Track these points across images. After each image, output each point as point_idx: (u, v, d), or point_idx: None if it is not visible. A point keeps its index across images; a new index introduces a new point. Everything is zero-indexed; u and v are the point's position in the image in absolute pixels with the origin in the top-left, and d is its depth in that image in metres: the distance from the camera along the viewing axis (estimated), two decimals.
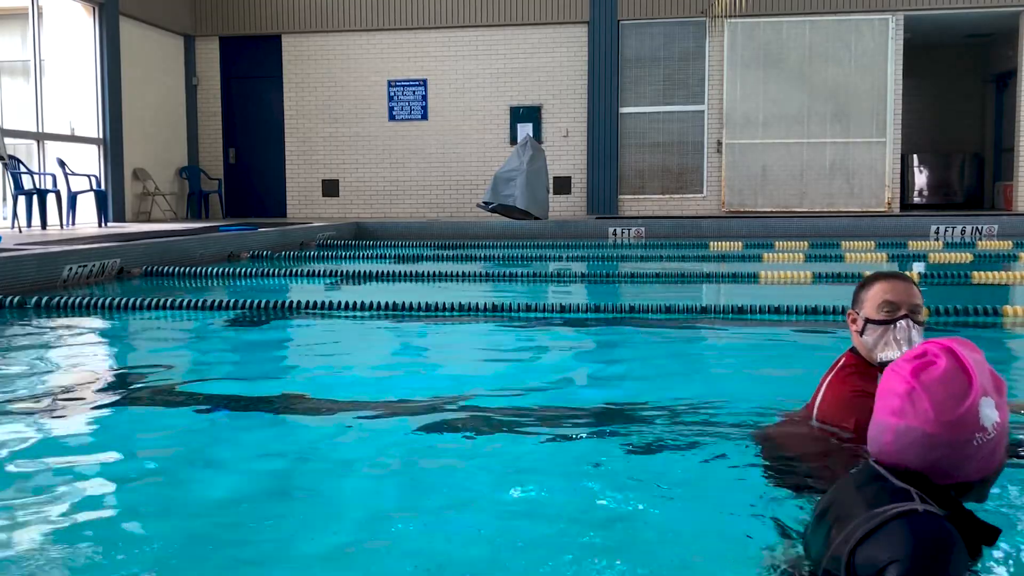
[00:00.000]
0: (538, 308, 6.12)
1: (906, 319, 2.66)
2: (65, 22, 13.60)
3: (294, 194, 16.46)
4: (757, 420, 3.28)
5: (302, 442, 3.28)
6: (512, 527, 2.38)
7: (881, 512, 1.67)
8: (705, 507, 2.53)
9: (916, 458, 1.72)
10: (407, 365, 4.76)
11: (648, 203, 15.58)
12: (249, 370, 4.69)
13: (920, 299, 2.71)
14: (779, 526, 2.26)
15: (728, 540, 2.28)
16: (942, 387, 1.70)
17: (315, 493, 2.69)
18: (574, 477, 2.79)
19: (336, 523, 2.43)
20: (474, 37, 15.74)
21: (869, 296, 2.75)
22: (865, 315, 2.74)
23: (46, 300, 6.40)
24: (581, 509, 2.50)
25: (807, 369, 4.51)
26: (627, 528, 2.38)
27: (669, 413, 3.49)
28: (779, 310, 5.80)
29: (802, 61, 15.18)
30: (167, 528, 2.40)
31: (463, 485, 2.73)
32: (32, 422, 3.48)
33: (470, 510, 2.51)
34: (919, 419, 1.70)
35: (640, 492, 2.63)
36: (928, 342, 1.79)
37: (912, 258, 10.01)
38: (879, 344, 2.70)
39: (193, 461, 3.05)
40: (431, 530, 2.37)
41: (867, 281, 2.80)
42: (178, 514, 2.52)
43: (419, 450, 3.11)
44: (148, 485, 2.79)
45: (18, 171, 11.25)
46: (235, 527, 2.42)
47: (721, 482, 2.72)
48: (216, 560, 2.21)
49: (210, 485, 2.79)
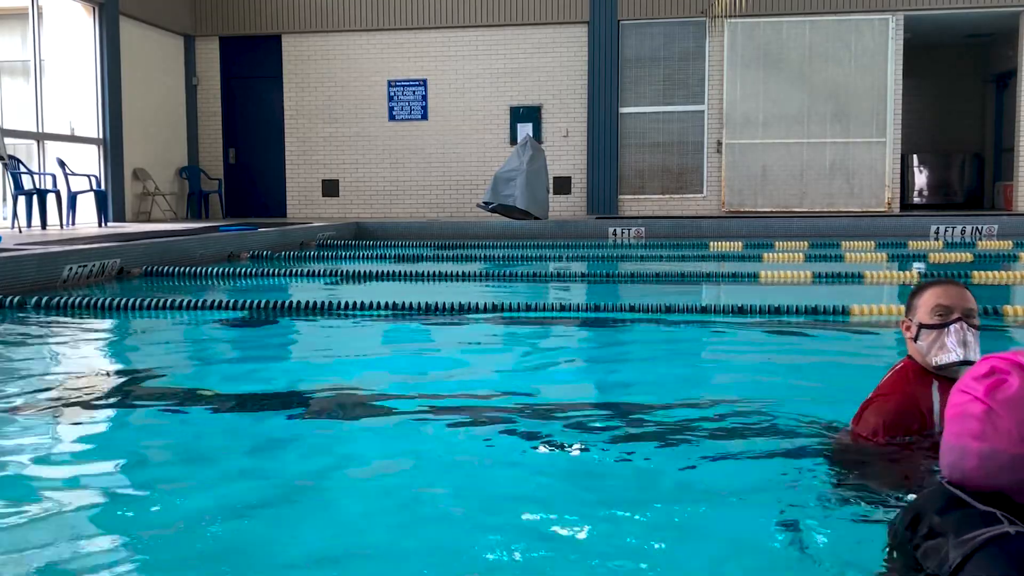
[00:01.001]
0: (538, 308, 6.12)
1: (959, 322, 2.66)
2: (65, 22, 13.60)
3: (294, 194, 16.46)
4: (757, 420, 3.28)
5: (302, 442, 3.28)
6: (512, 528, 2.38)
7: (972, 538, 1.63)
8: (704, 507, 2.52)
9: (1006, 480, 1.67)
10: (407, 365, 4.76)
11: (648, 203, 15.58)
12: (249, 370, 4.69)
13: (974, 303, 2.70)
14: (781, 527, 2.26)
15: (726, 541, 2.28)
16: (1021, 404, 1.65)
17: (315, 493, 2.69)
18: (574, 477, 2.79)
19: (336, 523, 2.43)
20: (474, 37, 15.74)
21: (922, 302, 2.75)
22: (919, 320, 2.74)
23: (46, 300, 6.40)
24: (581, 509, 2.50)
25: (807, 369, 4.52)
26: (627, 528, 2.37)
27: (669, 413, 3.49)
28: (779, 310, 5.80)
29: (802, 61, 15.18)
30: (167, 528, 2.40)
31: (463, 485, 2.73)
32: (31, 422, 3.48)
33: (470, 510, 2.51)
34: (1003, 441, 1.66)
35: (640, 492, 2.63)
36: (991, 357, 1.74)
37: (912, 258, 10.00)
38: (933, 348, 2.70)
39: (192, 461, 3.05)
40: (431, 530, 2.37)
41: (920, 288, 2.80)
42: (177, 514, 2.52)
43: (419, 450, 3.11)
44: (148, 485, 2.79)
45: (18, 171, 11.25)
46: (234, 527, 2.42)
47: (721, 482, 2.72)
48: (216, 560, 2.21)
49: (209, 485, 2.79)
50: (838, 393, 3.63)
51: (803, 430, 3.13)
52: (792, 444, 3.03)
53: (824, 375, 4.35)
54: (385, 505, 2.57)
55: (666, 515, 2.46)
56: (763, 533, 2.29)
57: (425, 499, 2.61)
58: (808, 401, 3.58)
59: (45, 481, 2.76)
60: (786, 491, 2.59)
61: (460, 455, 3.06)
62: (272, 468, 2.94)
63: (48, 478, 2.80)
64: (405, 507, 2.55)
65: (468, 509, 2.52)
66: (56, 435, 3.34)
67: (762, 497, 2.56)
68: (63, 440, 3.28)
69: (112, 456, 3.13)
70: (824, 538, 2.26)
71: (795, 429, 3.15)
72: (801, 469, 2.80)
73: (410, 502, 2.59)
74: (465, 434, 3.30)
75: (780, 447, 3.03)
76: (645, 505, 2.52)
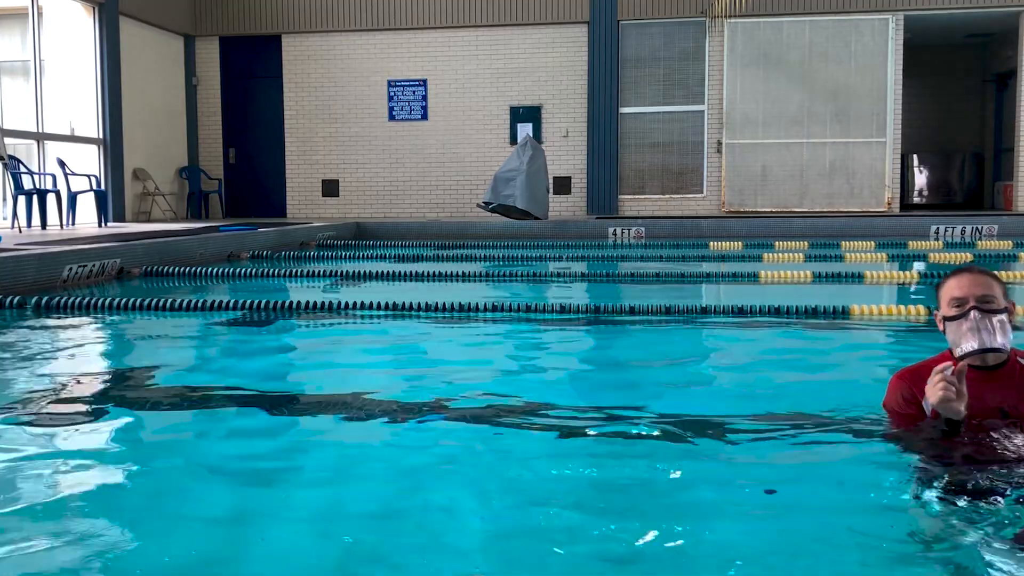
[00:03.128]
0: (538, 308, 6.12)
1: (974, 311, 2.67)
2: (65, 22, 13.60)
3: (294, 194, 16.46)
4: (756, 420, 3.28)
5: (302, 442, 3.28)
6: (512, 528, 2.38)
7: None
8: (703, 507, 2.52)
9: None
10: (407, 365, 4.76)
11: (648, 203, 15.58)
12: (249, 370, 4.69)
13: (990, 288, 2.71)
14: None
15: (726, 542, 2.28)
16: None
17: (315, 493, 2.69)
18: (574, 476, 2.79)
19: (336, 523, 2.43)
20: (474, 37, 15.74)
21: (941, 295, 2.79)
22: (942, 314, 2.77)
23: (46, 300, 6.40)
24: (580, 509, 2.50)
25: (807, 368, 4.52)
26: (626, 529, 2.38)
27: (668, 413, 3.49)
28: (779, 310, 5.80)
29: (802, 61, 15.18)
30: (166, 528, 2.40)
31: (463, 485, 2.73)
32: (31, 422, 3.48)
33: (470, 510, 2.51)
34: None
35: (640, 492, 2.63)
36: None
37: (912, 258, 10.00)
38: (956, 339, 2.72)
39: (192, 461, 3.05)
40: (431, 530, 2.37)
41: (941, 281, 2.84)
42: (176, 514, 2.52)
43: (419, 450, 3.11)
44: (148, 485, 2.79)
45: (18, 171, 11.25)
46: (234, 527, 2.42)
47: (721, 482, 2.72)
48: (216, 560, 2.21)
49: (209, 485, 2.79)
50: (838, 393, 3.63)
51: (802, 430, 3.13)
52: (792, 444, 3.03)
53: (824, 375, 4.35)
54: (384, 505, 2.57)
55: (666, 515, 2.46)
56: (763, 533, 2.29)
57: (425, 499, 2.61)
58: (808, 401, 3.58)
59: (44, 481, 2.76)
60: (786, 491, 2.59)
61: (460, 455, 3.06)
62: (271, 467, 2.94)
63: (48, 478, 2.80)
64: (405, 507, 2.55)
65: (468, 509, 2.52)
66: (56, 435, 3.34)
67: (762, 496, 2.56)
68: (63, 440, 3.28)
69: (112, 456, 3.13)
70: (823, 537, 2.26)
71: (795, 429, 3.15)
72: (801, 469, 2.80)
73: (410, 502, 2.59)
74: (465, 434, 3.29)
75: (780, 447, 3.03)
76: (645, 505, 2.52)
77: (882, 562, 2.11)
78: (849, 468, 2.77)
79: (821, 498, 2.55)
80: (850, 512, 2.42)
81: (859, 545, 2.21)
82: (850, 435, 3.02)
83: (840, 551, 2.19)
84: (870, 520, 2.35)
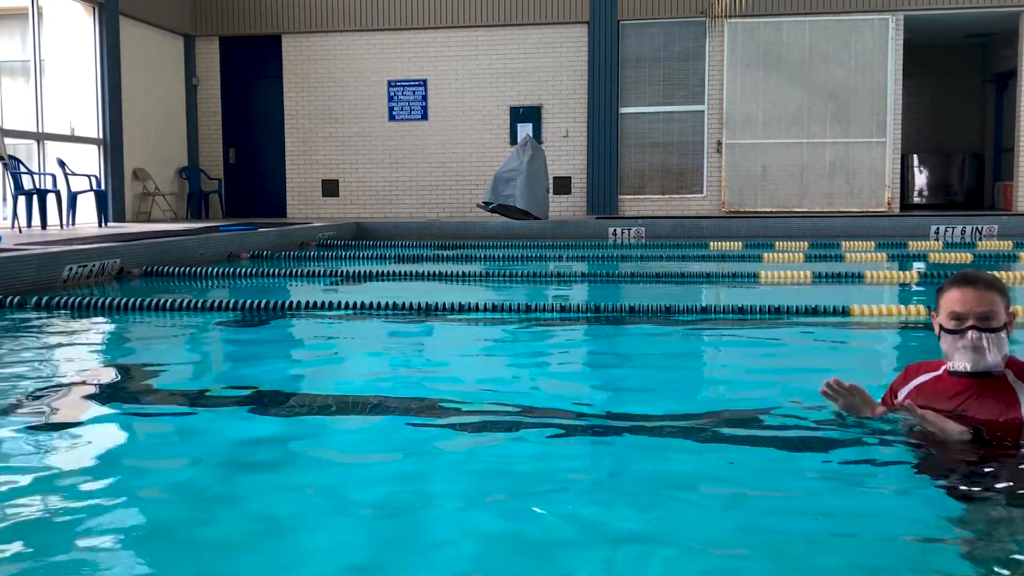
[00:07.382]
0: (538, 308, 6.12)
1: (973, 330, 2.64)
2: (65, 22, 13.60)
3: (294, 194, 16.46)
4: (756, 420, 3.27)
5: (301, 442, 3.28)
6: (512, 528, 2.38)
7: None
8: (702, 507, 2.52)
9: None
10: (407, 365, 4.76)
11: (648, 203, 15.58)
12: (249, 370, 4.69)
13: (992, 305, 2.67)
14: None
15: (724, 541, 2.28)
16: None
17: (315, 492, 2.69)
18: (574, 476, 2.79)
19: (335, 522, 2.43)
20: (474, 37, 15.74)
21: (941, 302, 2.77)
22: (940, 322, 2.77)
23: (46, 300, 6.40)
24: (580, 509, 2.50)
25: (807, 369, 4.51)
26: (627, 529, 2.38)
27: (669, 413, 3.49)
28: (779, 310, 5.80)
29: (802, 61, 15.19)
30: (165, 528, 2.40)
31: (463, 485, 2.72)
32: (31, 422, 3.48)
33: (470, 511, 2.51)
34: None
35: (641, 492, 2.63)
36: None
37: (912, 258, 10.00)
38: (949, 352, 2.73)
39: (192, 461, 3.05)
40: (432, 530, 2.37)
41: (944, 285, 2.81)
42: (176, 514, 2.52)
43: (420, 450, 3.11)
44: (148, 485, 2.79)
45: (18, 171, 11.25)
46: (234, 526, 2.42)
47: (720, 482, 2.72)
48: (217, 560, 2.21)
49: (209, 484, 2.79)
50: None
51: (802, 430, 3.13)
52: (792, 444, 3.03)
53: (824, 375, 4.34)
54: (384, 505, 2.57)
55: (666, 514, 2.46)
56: (764, 532, 2.29)
57: (425, 499, 2.61)
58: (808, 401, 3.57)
59: (43, 482, 2.76)
60: (785, 490, 2.60)
61: (460, 455, 3.06)
62: (271, 467, 2.94)
63: (47, 478, 2.80)
64: (405, 507, 2.55)
65: (468, 509, 2.52)
66: (56, 435, 3.34)
67: (762, 496, 2.56)
68: (63, 440, 3.28)
69: (112, 456, 3.13)
70: (823, 537, 2.26)
71: (794, 429, 3.15)
72: (801, 469, 2.80)
73: (410, 502, 2.59)
74: (465, 434, 3.29)
75: (780, 447, 3.03)
76: (647, 505, 2.52)
77: (894, 560, 2.12)
78: (849, 468, 2.77)
79: (821, 498, 2.55)
80: (850, 512, 2.42)
81: (859, 545, 2.21)
82: (850, 435, 3.02)
83: (841, 551, 2.19)
84: (870, 519, 2.35)
